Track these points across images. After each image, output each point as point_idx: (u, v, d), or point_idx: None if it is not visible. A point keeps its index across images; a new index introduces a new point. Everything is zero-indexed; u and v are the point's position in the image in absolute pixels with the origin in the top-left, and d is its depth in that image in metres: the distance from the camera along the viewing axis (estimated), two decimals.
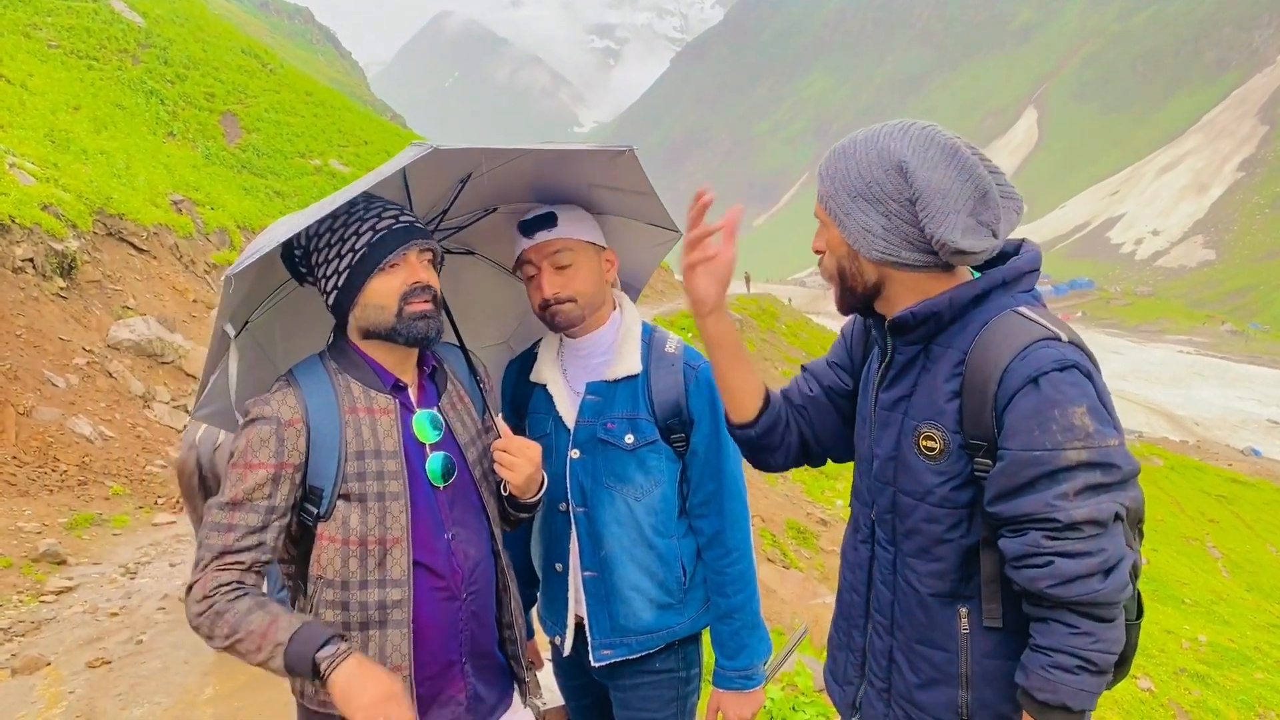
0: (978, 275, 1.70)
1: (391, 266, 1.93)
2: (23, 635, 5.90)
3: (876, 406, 1.77)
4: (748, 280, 59.88)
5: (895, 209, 1.61)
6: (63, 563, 7.13)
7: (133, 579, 7.05)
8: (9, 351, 9.27)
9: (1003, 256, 1.74)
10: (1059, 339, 1.57)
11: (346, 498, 1.90)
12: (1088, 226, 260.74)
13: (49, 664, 5.45)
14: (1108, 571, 1.50)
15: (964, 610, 1.67)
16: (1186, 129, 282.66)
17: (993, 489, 1.57)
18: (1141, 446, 34.58)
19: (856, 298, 1.74)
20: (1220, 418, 52.71)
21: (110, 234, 13.26)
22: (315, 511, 1.90)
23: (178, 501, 8.94)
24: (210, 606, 1.78)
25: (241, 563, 1.82)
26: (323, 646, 1.74)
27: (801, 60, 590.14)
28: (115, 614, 6.29)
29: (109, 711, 4.84)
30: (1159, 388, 62.25)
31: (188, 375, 11.72)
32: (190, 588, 1.83)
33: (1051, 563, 1.50)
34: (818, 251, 1.78)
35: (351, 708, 1.70)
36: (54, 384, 9.50)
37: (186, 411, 10.90)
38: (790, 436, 2.00)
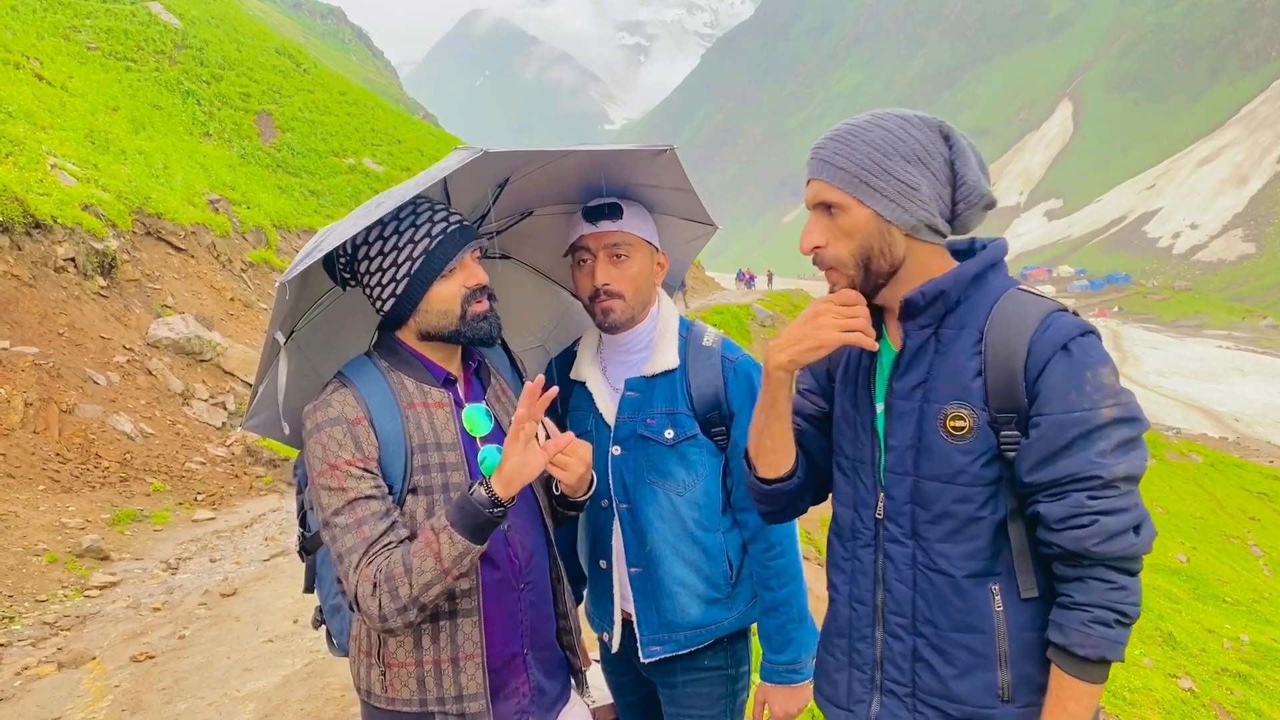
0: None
1: (451, 271, 1.95)
2: (68, 629, 6.00)
3: (892, 397, 1.75)
4: (770, 277, 59.74)
5: (936, 168, 1.68)
6: (106, 558, 7.24)
7: (174, 574, 7.15)
8: (52, 350, 9.42)
9: (971, 250, 1.82)
10: (1068, 310, 1.66)
11: (414, 491, 1.90)
12: (1124, 220, 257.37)
13: (94, 658, 5.54)
14: (1138, 527, 1.56)
15: (995, 587, 1.67)
16: (1225, 121, 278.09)
17: (1031, 457, 1.60)
18: (1180, 443, 34.05)
19: (877, 283, 1.72)
20: (1261, 414, 51.78)
21: (149, 233, 13.45)
22: None
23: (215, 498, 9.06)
24: (380, 589, 1.76)
25: (387, 544, 1.80)
26: (470, 491, 1.76)
27: (833, 54, 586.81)
28: (158, 609, 6.38)
29: (153, 705, 4.91)
30: (1197, 383, 61.32)
31: (226, 373, 11.86)
32: (356, 600, 1.80)
33: (1096, 521, 1.55)
34: (817, 248, 1.73)
35: (506, 472, 1.76)
36: (95, 382, 9.65)
37: (225, 409, 11.03)
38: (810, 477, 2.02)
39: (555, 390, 1.77)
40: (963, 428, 1.65)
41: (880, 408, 1.79)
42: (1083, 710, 1.61)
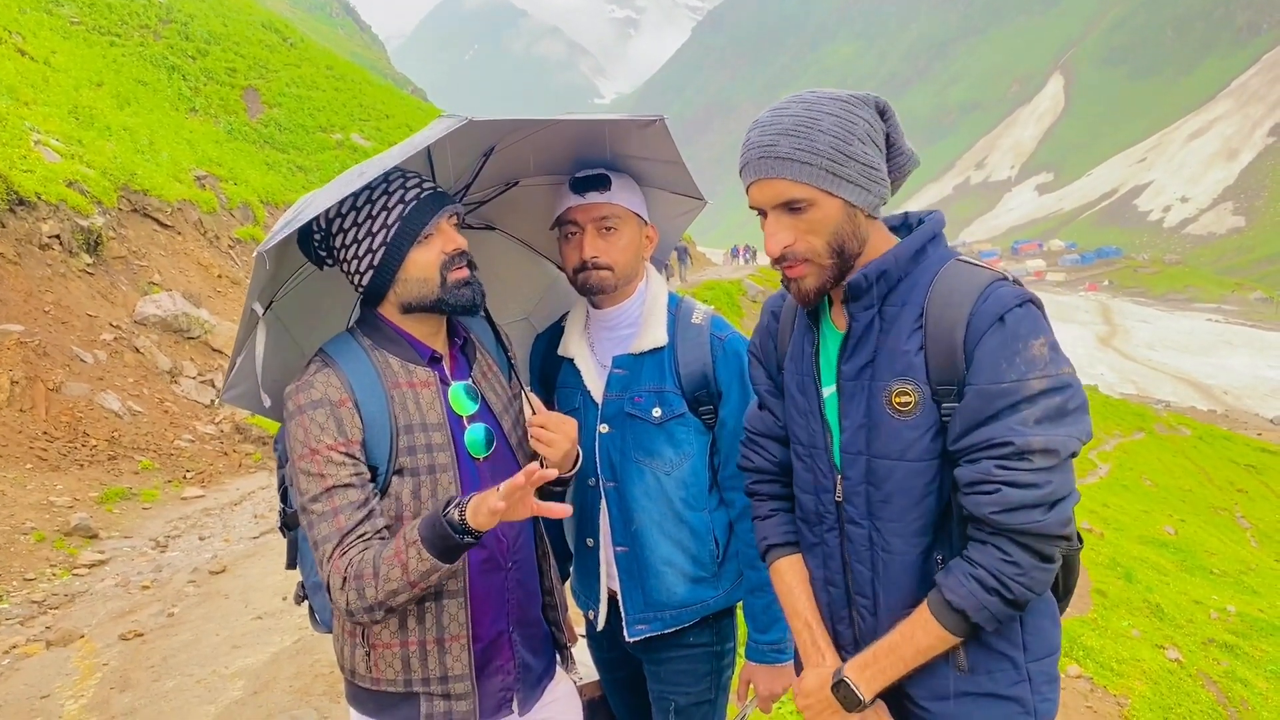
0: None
1: (427, 237, 1.90)
2: (56, 608, 5.99)
3: (841, 379, 1.74)
4: (754, 253, 59.36)
5: (881, 146, 1.68)
6: (94, 536, 7.22)
7: (163, 552, 7.14)
8: (38, 328, 9.36)
9: (906, 226, 1.81)
10: (1008, 280, 1.65)
11: (400, 473, 1.87)
12: (1115, 194, 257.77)
13: (83, 636, 5.53)
14: (1052, 505, 1.54)
15: (939, 557, 1.69)
16: (1216, 94, 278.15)
17: (957, 424, 1.60)
18: (1169, 416, 34.24)
19: (848, 268, 1.69)
20: (1250, 386, 52.12)
21: (135, 210, 13.34)
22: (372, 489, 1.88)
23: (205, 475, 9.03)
24: (349, 584, 1.75)
25: (363, 535, 1.78)
26: (444, 510, 1.71)
27: (825, 27, 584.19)
28: (147, 587, 6.37)
29: (142, 683, 4.90)
30: (1187, 356, 61.60)
31: (214, 350, 11.81)
32: (328, 589, 1.79)
33: (999, 490, 1.54)
34: (788, 247, 1.66)
35: (480, 518, 1.68)
36: (82, 360, 9.59)
37: (213, 387, 10.99)
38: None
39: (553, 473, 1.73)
40: (908, 403, 1.65)
41: (828, 391, 1.78)
42: (926, 647, 1.65)
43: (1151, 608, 8.25)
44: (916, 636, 1.65)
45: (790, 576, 1.91)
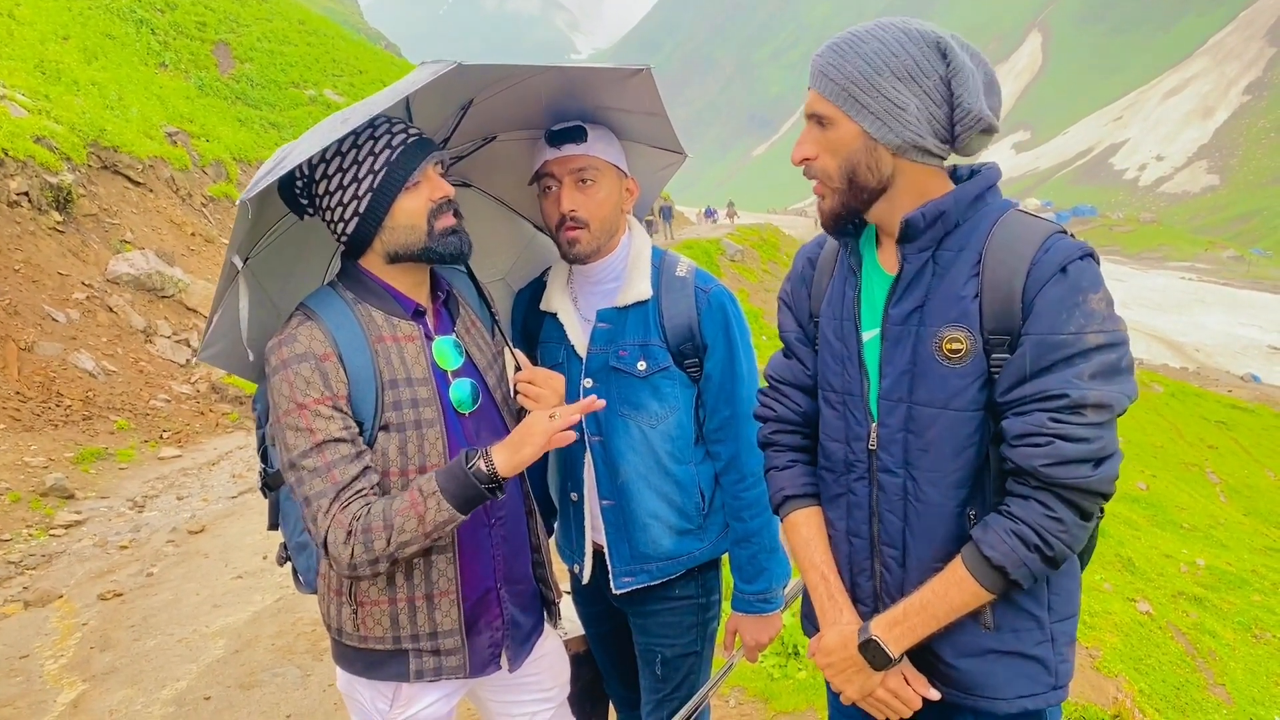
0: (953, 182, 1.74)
1: (415, 184, 1.86)
2: (34, 568, 5.95)
3: (887, 323, 1.71)
4: (731, 210, 58.67)
5: (930, 86, 1.61)
6: (70, 497, 7.17)
7: (141, 512, 7.09)
8: (8, 286, 9.22)
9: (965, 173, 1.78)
10: (1067, 232, 1.63)
11: (386, 428, 1.84)
12: (1091, 152, 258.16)
13: (61, 596, 5.51)
14: (1100, 461, 1.53)
15: (971, 513, 1.66)
16: (1193, 52, 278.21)
17: (1010, 374, 1.58)
18: (1142, 373, 34.55)
19: (862, 200, 1.68)
20: (1221, 344, 52.62)
21: (105, 167, 13.11)
22: None
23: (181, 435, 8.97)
24: (355, 538, 1.73)
25: (360, 491, 1.76)
26: (467, 462, 1.73)
27: None
28: (125, 547, 6.34)
29: (123, 643, 4.89)
30: (1160, 314, 62.03)
31: (188, 309, 11.68)
32: (325, 545, 1.75)
33: (1052, 443, 1.52)
34: (807, 159, 1.69)
35: (525, 453, 1.77)
36: (54, 319, 9.47)
37: (188, 346, 10.88)
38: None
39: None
40: (960, 350, 1.62)
41: (869, 335, 1.75)
42: (959, 604, 1.63)
43: (1123, 562, 8.38)
44: (949, 594, 1.63)
45: (807, 529, 1.89)
